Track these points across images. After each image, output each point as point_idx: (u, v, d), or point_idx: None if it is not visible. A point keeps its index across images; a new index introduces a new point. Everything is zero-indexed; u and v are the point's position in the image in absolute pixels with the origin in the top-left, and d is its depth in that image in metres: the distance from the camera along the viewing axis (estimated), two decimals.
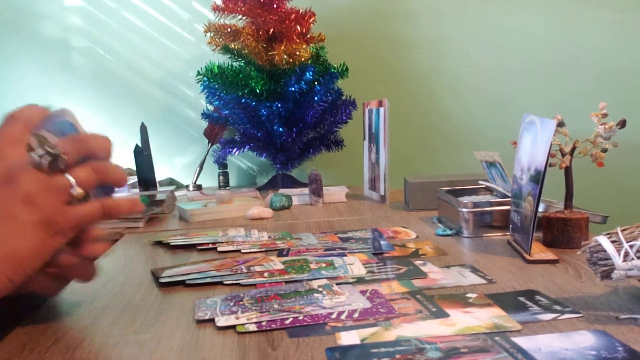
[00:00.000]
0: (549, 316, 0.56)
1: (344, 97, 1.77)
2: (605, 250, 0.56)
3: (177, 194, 1.56)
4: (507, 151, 0.99)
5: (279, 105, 1.66)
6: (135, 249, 0.98)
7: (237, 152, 1.78)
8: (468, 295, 0.64)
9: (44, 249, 0.55)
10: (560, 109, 1.11)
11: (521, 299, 0.62)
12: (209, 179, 1.94)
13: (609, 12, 1.99)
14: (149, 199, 1.34)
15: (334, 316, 0.58)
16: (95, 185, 0.58)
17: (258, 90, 1.65)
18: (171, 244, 0.98)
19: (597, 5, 1.99)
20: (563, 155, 0.86)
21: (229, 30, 1.68)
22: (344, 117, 1.74)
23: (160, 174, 1.81)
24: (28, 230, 0.53)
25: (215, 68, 1.66)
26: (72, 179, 0.56)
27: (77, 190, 0.56)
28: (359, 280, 0.71)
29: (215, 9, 1.69)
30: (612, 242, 0.57)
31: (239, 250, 0.92)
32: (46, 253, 0.55)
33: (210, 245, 0.96)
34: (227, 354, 0.52)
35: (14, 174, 0.54)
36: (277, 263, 0.80)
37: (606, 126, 0.83)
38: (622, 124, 0.82)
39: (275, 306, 0.62)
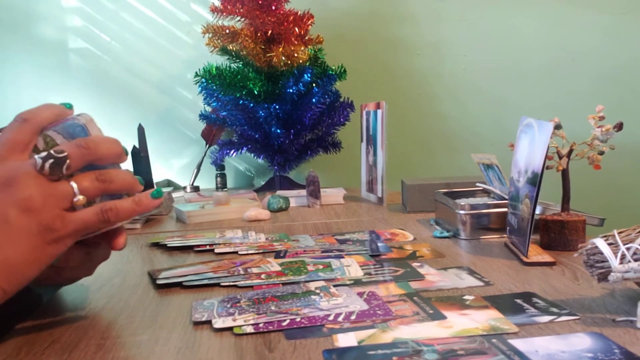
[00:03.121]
0: (546, 318, 0.56)
1: (341, 99, 1.77)
2: (602, 253, 0.56)
3: (174, 195, 1.56)
4: (505, 153, 0.99)
5: (277, 106, 1.66)
6: (132, 251, 0.98)
7: (234, 154, 1.78)
8: (465, 297, 0.64)
9: (39, 257, 0.53)
10: (557, 111, 1.11)
11: (518, 301, 0.62)
12: (207, 181, 1.93)
13: (606, 15, 2.00)
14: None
15: (331, 318, 0.58)
16: (99, 194, 0.56)
17: (256, 92, 1.65)
18: (168, 245, 0.98)
19: (593, 8, 2.00)
20: (560, 157, 0.86)
21: (227, 31, 1.68)
22: (341, 119, 1.75)
23: (157, 176, 1.81)
24: (22, 237, 0.51)
25: (214, 69, 1.66)
26: (74, 185, 0.54)
27: (79, 198, 0.54)
28: (356, 282, 0.71)
29: (214, 10, 1.69)
30: (609, 244, 0.57)
31: (236, 252, 0.92)
32: (42, 261, 0.53)
33: (208, 247, 0.95)
34: (224, 356, 0.51)
35: (14, 177, 0.52)
36: (274, 265, 0.80)
37: (603, 129, 0.83)
38: (619, 126, 0.82)
39: (273, 308, 0.62)
